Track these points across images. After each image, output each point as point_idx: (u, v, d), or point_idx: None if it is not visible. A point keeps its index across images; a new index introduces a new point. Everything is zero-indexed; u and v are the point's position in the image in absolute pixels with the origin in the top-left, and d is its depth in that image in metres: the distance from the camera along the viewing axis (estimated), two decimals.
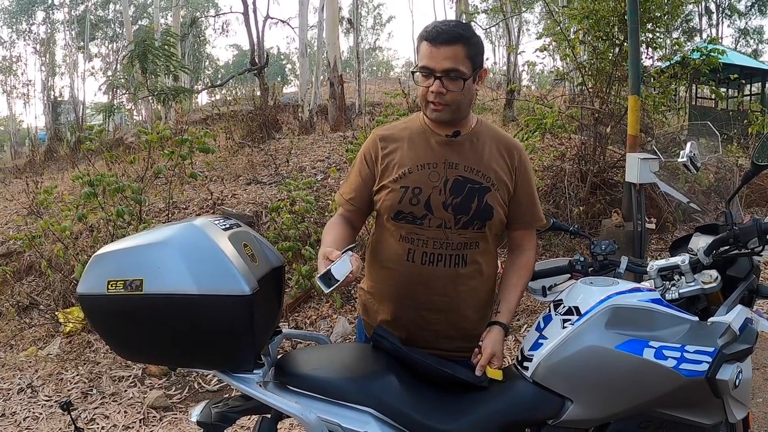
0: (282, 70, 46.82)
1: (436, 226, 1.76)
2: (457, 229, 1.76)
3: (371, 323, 1.90)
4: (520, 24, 20.28)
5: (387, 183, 1.80)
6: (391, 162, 1.81)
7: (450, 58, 1.65)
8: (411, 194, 1.76)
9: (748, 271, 1.68)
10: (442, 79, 1.67)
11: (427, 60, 1.67)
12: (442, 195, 1.75)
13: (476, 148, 1.81)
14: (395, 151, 1.82)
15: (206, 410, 1.61)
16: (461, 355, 1.78)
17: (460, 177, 1.77)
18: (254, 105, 12.45)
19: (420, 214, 1.76)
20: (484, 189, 1.77)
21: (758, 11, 32.79)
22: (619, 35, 6.52)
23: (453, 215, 1.75)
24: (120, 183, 4.84)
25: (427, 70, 1.68)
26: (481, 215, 1.76)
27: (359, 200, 1.88)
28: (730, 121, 9.74)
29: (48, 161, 15.69)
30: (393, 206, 1.78)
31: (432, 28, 1.67)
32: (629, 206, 5.01)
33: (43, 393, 3.67)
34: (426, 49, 1.67)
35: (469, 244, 1.78)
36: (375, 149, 1.85)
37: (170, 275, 1.39)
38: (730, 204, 1.71)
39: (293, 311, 4.87)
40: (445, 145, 1.80)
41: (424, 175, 1.77)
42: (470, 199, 1.76)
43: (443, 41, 1.65)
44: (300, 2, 16.42)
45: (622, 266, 1.81)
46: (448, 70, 1.66)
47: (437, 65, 1.66)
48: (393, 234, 1.82)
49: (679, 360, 1.46)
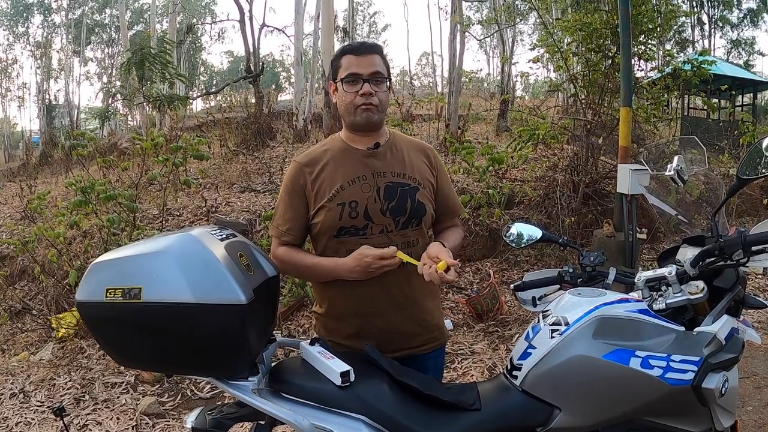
0: (277, 78, 46.86)
1: (379, 233, 1.85)
2: (398, 231, 1.87)
3: (336, 341, 1.93)
4: (514, 35, 20.39)
5: (323, 203, 1.85)
6: (321, 184, 1.87)
7: (373, 64, 1.83)
8: (349, 208, 1.84)
9: (734, 281, 1.71)
10: (370, 82, 1.82)
11: (354, 67, 1.83)
12: (378, 202, 1.85)
13: (396, 155, 1.94)
14: (322, 172, 1.88)
15: (201, 417, 1.63)
16: (430, 347, 1.96)
17: (390, 182, 1.88)
18: (249, 112, 12.47)
19: (362, 225, 1.84)
20: (413, 189, 1.90)
21: (750, 22, 33.13)
22: (612, 47, 6.61)
23: (392, 218, 1.86)
24: (112, 191, 4.83)
25: (355, 75, 1.82)
26: (416, 213, 1.89)
27: (296, 229, 1.92)
28: (722, 131, 9.83)
29: (42, 165, 15.65)
30: (334, 224, 1.84)
31: (351, 43, 1.93)
32: (621, 216, 5.06)
33: (35, 398, 3.66)
34: (351, 60, 1.84)
35: (411, 243, 1.89)
36: (302, 177, 1.90)
37: (168, 284, 1.42)
38: (716, 216, 1.74)
39: (286, 319, 4.88)
40: (368, 157, 1.90)
41: (356, 188, 1.86)
42: (404, 200, 1.88)
43: (366, 50, 1.85)
44: (296, 11, 16.52)
45: (610, 277, 1.85)
46: (375, 73, 1.83)
47: (364, 70, 1.82)
48: (338, 251, 1.87)
49: (665, 369, 1.48)
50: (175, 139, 7.29)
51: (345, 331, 1.92)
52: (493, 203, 6.22)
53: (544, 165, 7.39)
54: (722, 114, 15.30)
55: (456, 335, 4.50)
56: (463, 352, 4.19)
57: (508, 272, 6.00)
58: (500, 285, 5.37)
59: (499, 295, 4.87)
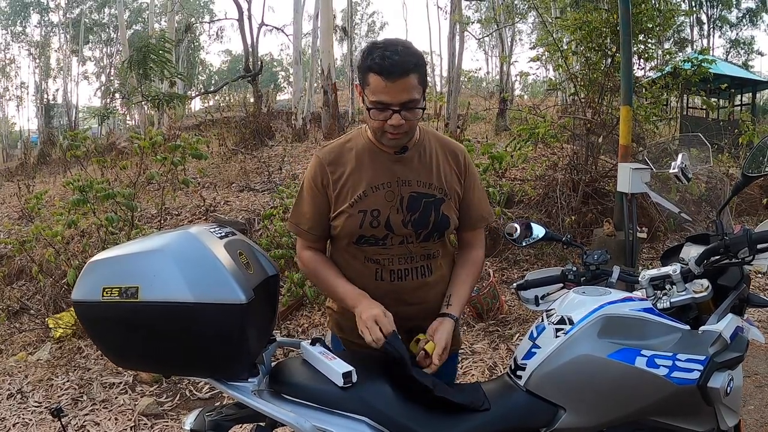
0: (275, 77, 46.84)
1: (399, 243, 1.79)
2: (419, 243, 1.80)
3: (348, 338, 1.91)
4: (513, 34, 20.39)
5: (344, 209, 1.77)
6: (344, 187, 1.78)
7: (406, 90, 1.60)
8: (370, 217, 1.76)
9: (738, 280, 1.70)
10: (400, 112, 1.62)
11: (383, 95, 1.60)
12: (400, 213, 1.77)
13: (424, 160, 1.82)
14: (345, 174, 1.78)
15: (200, 418, 1.61)
16: None
17: (414, 193, 1.78)
18: (247, 112, 12.45)
19: (382, 235, 1.78)
20: (438, 201, 1.80)
21: (749, 22, 33.18)
22: (612, 46, 6.59)
23: (414, 231, 1.78)
24: (110, 190, 4.81)
25: (383, 105, 1.62)
26: (439, 227, 1.80)
27: (319, 229, 1.85)
28: (721, 131, 9.83)
29: (40, 164, 15.63)
30: (354, 232, 1.77)
31: (381, 60, 1.57)
32: (621, 216, 5.05)
33: (33, 399, 3.64)
34: (379, 84, 1.59)
35: (432, 254, 1.83)
36: (324, 175, 1.80)
37: (166, 283, 1.39)
38: (721, 214, 1.73)
39: (285, 319, 4.86)
40: (394, 162, 1.79)
41: (380, 196, 1.77)
42: (428, 212, 1.79)
43: (399, 75, 1.57)
44: (295, 10, 16.52)
45: (614, 276, 1.83)
46: (406, 102, 1.62)
47: (394, 99, 1.60)
48: (356, 257, 1.83)
49: (671, 368, 1.47)
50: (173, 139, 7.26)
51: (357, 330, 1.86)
52: (493, 202, 6.20)
53: (544, 164, 7.37)
54: (721, 114, 15.32)
55: None
56: (464, 351, 4.17)
57: (507, 271, 5.98)
58: (500, 284, 5.35)
59: (499, 295, 4.85)
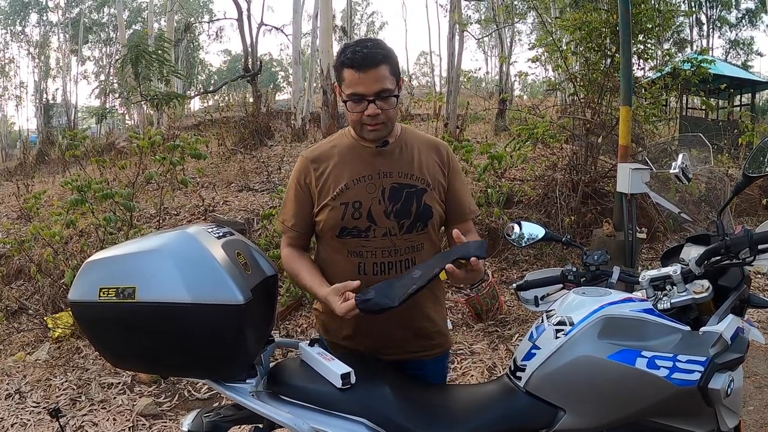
0: (275, 77, 46.82)
1: (382, 235, 1.79)
2: (402, 235, 1.81)
3: (334, 341, 1.91)
4: (512, 34, 20.36)
5: (327, 202, 1.81)
6: (326, 181, 1.82)
7: (378, 80, 1.68)
8: (352, 209, 1.79)
9: (739, 281, 1.69)
10: (375, 102, 1.70)
11: (357, 86, 1.69)
12: (382, 204, 1.79)
13: (405, 154, 1.86)
14: (328, 169, 1.83)
15: (198, 419, 1.60)
16: (427, 354, 1.90)
17: (396, 184, 1.81)
18: (247, 112, 12.43)
19: (364, 227, 1.79)
20: (420, 191, 1.83)
21: (748, 22, 33.19)
22: (611, 46, 6.59)
23: (396, 222, 1.80)
24: (108, 190, 4.80)
25: (359, 95, 1.70)
26: (421, 216, 1.82)
27: (301, 225, 1.89)
28: (721, 131, 9.83)
29: (39, 164, 15.60)
30: (336, 224, 1.80)
31: (352, 54, 1.68)
32: (620, 216, 5.04)
33: (31, 399, 3.63)
34: (353, 77, 1.68)
35: (416, 247, 1.83)
36: (307, 172, 1.85)
37: (163, 283, 1.39)
38: (721, 215, 1.72)
39: (284, 319, 4.85)
40: (376, 155, 1.83)
41: (361, 188, 1.80)
42: (409, 203, 1.81)
43: (369, 65, 1.66)
44: (294, 10, 16.50)
45: (614, 276, 1.82)
46: (379, 92, 1.69)
47: (368, 89, 1.68)
48: (339, 251, 1.83)
49: (672, 369, 1.46)
50: (172, 138, 7.25)
51: (342, 331, 1.88)
52: (492, 202, 6.20)
53: (543, 164, 7.37)
54: (721, 114, 15.32)
55: (455, 335, 4.47)
56: (463, 352, 4.16)
57: (507, 272, 5.98)
58: (499, 284, 5.35)
59: (499, 295, 4.85)
